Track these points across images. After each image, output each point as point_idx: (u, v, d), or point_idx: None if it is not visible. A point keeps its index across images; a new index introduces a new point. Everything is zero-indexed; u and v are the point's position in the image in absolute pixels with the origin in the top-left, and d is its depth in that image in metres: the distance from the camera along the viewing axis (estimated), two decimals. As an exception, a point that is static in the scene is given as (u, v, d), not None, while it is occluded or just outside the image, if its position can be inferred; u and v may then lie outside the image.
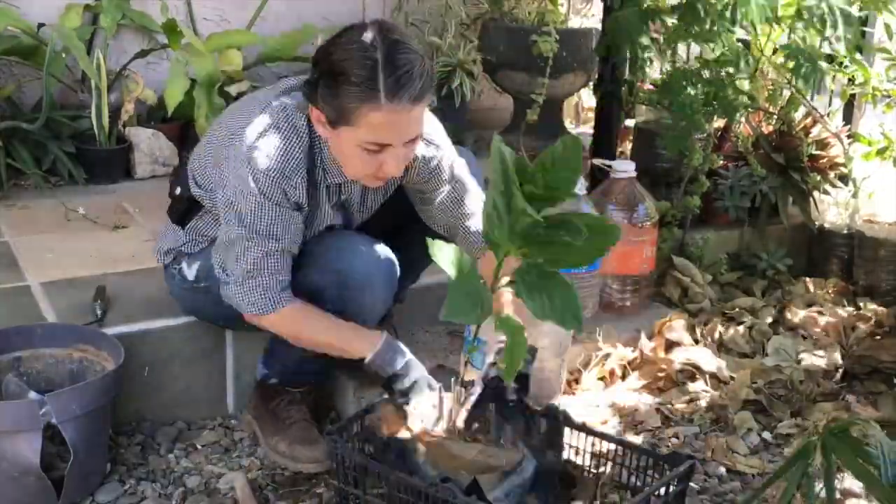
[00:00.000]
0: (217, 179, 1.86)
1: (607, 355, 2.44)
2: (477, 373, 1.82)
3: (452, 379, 1.78)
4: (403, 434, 1.72)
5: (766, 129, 3.25)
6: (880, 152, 3.20)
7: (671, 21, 2.72)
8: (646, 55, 3.09)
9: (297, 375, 2.05)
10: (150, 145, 3.33)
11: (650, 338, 2.56)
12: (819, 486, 1.38)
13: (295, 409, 2.04)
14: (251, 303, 1.82)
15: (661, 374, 2.44)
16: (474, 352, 1.97)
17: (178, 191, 2.01)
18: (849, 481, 1.94)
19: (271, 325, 1.87)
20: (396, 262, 1.95)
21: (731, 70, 2.74)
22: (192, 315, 2.13)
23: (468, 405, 1.76)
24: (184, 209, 2.00)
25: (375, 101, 1.67)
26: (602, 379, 2.42)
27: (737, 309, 2.85)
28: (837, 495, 1.84)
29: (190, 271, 2.01)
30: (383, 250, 1.93)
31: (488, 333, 1.94)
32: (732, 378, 2.43)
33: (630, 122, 3.46)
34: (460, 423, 1.74)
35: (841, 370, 2.51)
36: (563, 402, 2.21)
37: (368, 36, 1.69)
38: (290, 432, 2.01)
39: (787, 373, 2.45)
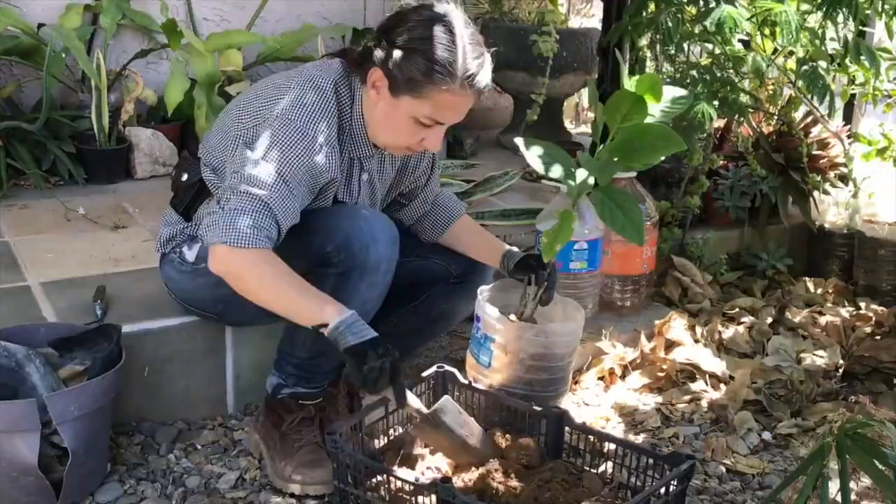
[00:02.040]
0: (240, 142, 1.85)
1: (607, 355, 2.44)
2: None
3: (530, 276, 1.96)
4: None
5: (766, 129, 3.25)
6: (880, 152, 3.21)
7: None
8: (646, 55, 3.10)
9: (311, 374, 1.96)
10: (150, 145, 3.32)
11: (650, 338, 2.56)
12: (835, 489, 1.37)
13: (306, 429, 1.96)
14: (233, 232, 1.70)
15: (661, 374, 2.44)
16: (481, 349, 1.98)
17: (184, 177, 2.00)
18: (865, 483, 1.93)
19: (241, 261, 1.72)
20: (395, 227, 1.93)
21: (735, 70, 2.74)
22: (187, 303, 2.10)
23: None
24: (191, 197, 1.99)
25: (451, 84, 1.77)
26: (602, 379, 2.42)
27: (737, 309, 2.85)
28: (853, 497, 1.83)
29: (190, 253, 2.00)
30: (383, 216, 1.94)
31: (495, 331, 1.95)
32: (732, 378, 2.43)
33: (630, 122, 3.46)
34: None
35: (841, 370, 2.51)
36: (562, 402, 2.21)
37: (450, 18, 1.79)
38: (297, 456, 1.93)
39: (787, 373, 2.45)
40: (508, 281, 2.05)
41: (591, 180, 1.87)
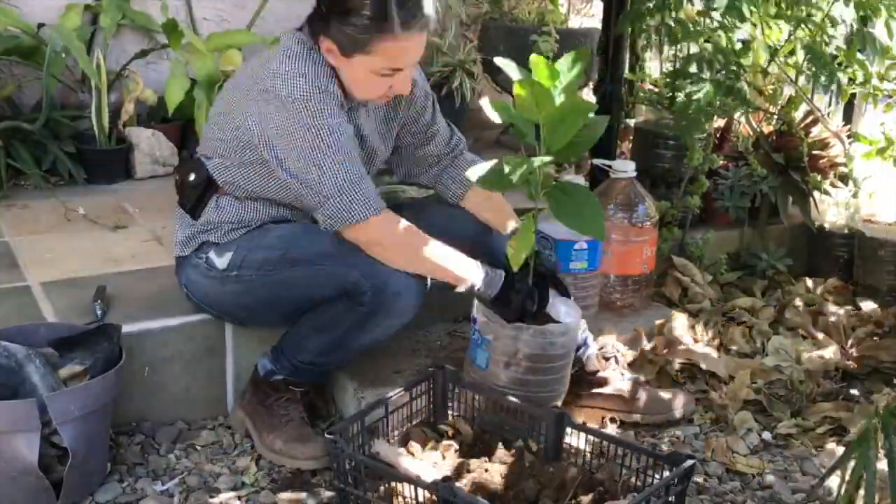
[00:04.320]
0: (252, 120, 1.88)
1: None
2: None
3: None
4: None
5: (766, 129, 3.25)
6: (880, 152, 3.20)
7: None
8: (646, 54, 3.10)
9: (306, 374, 2.06)
10: (150, 145, 3.33)
11: (650, 338, 2.56)
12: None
13: (293, 407, 2.06)
14: (353, 211, 1.83)
15: (660, 374, 2.44)
16: (477, 351, 1.98)
17: (192, 177, 2.04)
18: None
19: (378, 230, 1.87)
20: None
21: (738, 63, 2.74)
22: (209, 307, 2.11)
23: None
24: (199, 194, 2.03)
25: (389, 32, 1.81)
26: (602, 379, 2.42)
27: (737, 309, 2.85)
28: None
29: (221, 260, 2.01)
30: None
31: (491, 332, 1.95)
32: (732, 378, 2.43)
33: (630, 122, 3.46)
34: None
35: (841, 370, 2.51)
36: (562, 402, 2.21)
37: None
38: (286, 430, 2.02)
39: (787, 373, 2.45)
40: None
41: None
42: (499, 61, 1.81)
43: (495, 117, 1.82)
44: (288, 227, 2.01)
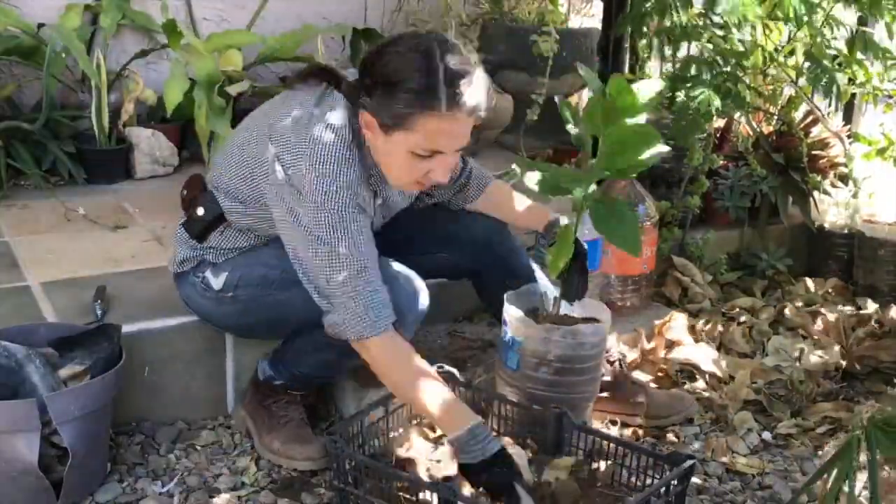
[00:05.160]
0: (271, 197, 1.82)
1: (607, 355, 2.44)
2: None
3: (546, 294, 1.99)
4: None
5: (766, 129, 3.25)
6: (880, 152, 3.21)
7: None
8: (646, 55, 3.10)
9: (304, 383, 2.07)
10: (149, 145, 3.32)
11: (650, 338, 2.56)
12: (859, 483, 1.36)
13: (292, 408, 2.06)
14: (357, 324, 1.75)
15: (661, 374, 2.44)
16: (508, 352, 1.97)
17: (200, 212, 1.95)
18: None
19: (376, 349, 1.78)
20: (428, 297, 1.95)
21: (739, 64, 2.74)
22: (209, 322, 2.10)
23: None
24: (206, 225, 1.96)
25: (435, 109, 1.71)
26: (602, 379, 2.42)
27: (737, 309, 2.85)
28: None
29: (217, 280, 1.97)
30: (420, 286, 1.93)
31: (521, 333, 1.94)
32: (732, 378, 2.43)
33: (630, 122, 3.46)
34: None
35: (841, 370, 2.51)
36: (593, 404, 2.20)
37: (426, 45, 1.73)
38: (285, 431, 2.03)
39: (787, 373, 2.45)
40: (535, 284, 2.05)
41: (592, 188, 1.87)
42: (581, 69, 1.80)
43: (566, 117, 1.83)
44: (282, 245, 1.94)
